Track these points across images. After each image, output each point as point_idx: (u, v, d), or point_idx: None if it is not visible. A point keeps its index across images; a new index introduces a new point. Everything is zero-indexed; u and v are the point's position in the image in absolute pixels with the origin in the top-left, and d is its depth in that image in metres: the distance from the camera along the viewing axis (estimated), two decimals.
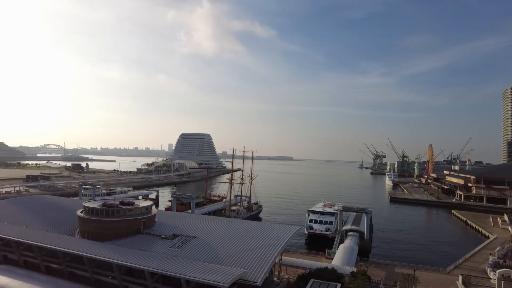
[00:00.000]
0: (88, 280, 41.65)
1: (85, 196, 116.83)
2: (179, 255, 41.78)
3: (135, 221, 49.55)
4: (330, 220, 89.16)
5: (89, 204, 51.86)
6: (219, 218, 64.73)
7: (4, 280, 40.05)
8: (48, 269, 45.72)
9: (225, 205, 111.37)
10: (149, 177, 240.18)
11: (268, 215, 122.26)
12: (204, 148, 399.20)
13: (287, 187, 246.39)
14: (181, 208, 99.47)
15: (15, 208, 65.18)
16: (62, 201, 74.72)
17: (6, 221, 56.69)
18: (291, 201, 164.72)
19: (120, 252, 40.03)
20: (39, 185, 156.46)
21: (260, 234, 46.74)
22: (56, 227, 54.83)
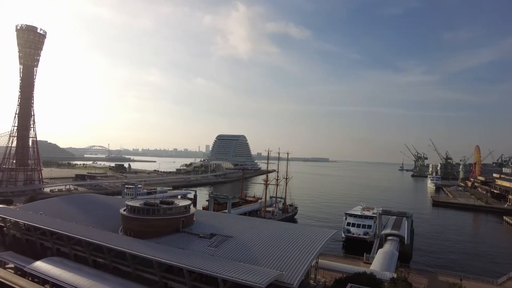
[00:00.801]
0: (130, 275, 43.66)
1: (128, 195, 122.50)
2: (216, 254, 42.60)
3: (174, 220, 51.22)
4: (369, 224, 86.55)
5: (131, 203, 54.33)
6: (255, 219, 65.13)
7: (57, 271, 43.13)
8: (95, 263, 48.48)
9: (260, 206, 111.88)
10: (188, 177, 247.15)
11: (304, 217, 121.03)
12: (239, 149, 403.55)
13: (323, 190, 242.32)
14: (217, 207, 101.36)
15: (66, 205, 70.08)
16: (106, 199, 79.15)
17: (59, 216, 61.08)
18: (328, 204, 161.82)
19: (160, 250, 41.53)
20: (86, 184, 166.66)
21: (296, 236, 46.45)
22: (101, 223, 58.13)
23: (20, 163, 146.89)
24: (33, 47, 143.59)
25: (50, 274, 42.87)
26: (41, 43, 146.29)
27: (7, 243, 61.79)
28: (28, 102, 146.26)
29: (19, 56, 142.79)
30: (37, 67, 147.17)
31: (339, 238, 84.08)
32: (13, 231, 61.83)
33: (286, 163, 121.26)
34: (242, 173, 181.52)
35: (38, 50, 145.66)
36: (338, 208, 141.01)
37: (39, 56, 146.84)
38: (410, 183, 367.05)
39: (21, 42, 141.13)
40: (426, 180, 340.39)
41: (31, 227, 55.98)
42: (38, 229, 55.14)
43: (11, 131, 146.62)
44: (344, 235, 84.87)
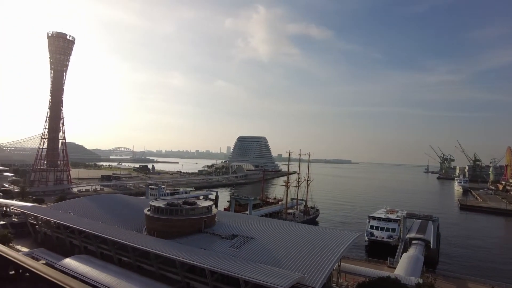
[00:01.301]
0: (154, 274, 44.59)
1: (151, 196, 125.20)
2: (238, 255, 42.83)
3: (197, 220, 51.93)
4: (393, 227, 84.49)
5: (155, 203, 55.51)
6: (276, 221, 65.02)
7: (85, 268, 44.68)
8: (120, 262, 49.86)
9: (281, 207, 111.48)
10: (209, 178, 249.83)
11: (326, 220, 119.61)
12: (260, 151, 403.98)
13: (345, 192, 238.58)
14: (239, 209, 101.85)
15: (93, 205, 72.51)
16: (131, 199, 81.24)
17: (86, 216, 63.28)
18: (350, 207, 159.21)
19: (183, 250, 42.21)
20: (112, 185, 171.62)
21: (318, 238, 46.03)
22: (126, 223, 59.72)
23: (51, 164, 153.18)
24: (63, 53, 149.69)
25: (79, 271, 44.43)
26: (70, 49, 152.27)
27: (39, 240, 64.59)
28: (58, 106, 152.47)
29: (50, 62, 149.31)
30: (66, 72, 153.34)
31: (362, 241, 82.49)
32: (44, 229, 64.59)
33: (308, 165, 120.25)
34: (263, 174, 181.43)
35: (67, 56, 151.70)
36: (361, 211, 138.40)
37: (68, 61, 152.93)
38: (435, 186, 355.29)
39: (52, 48, 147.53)
40: (453, 183, 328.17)
41: (61, 226, 58.29)
42: (67, 228, 57.35)
43: (43, 133, 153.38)
44: (367, 238, 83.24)
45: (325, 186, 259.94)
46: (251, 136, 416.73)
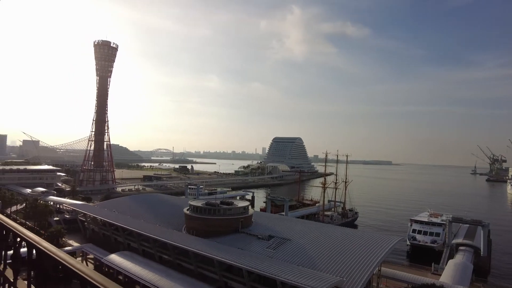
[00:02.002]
0: (192, 272, 45.72)
1: (190, 195, 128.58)
2: (274, 256, 42.79)
3: (234, 220, 52.61)
4: (437, 232, 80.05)
5: (194, 202, 56.99)
6: (313, 223, 64.20)
7: (129, 264, 46.87)
8: (161, 259, 51.70)
9: (318, 209, 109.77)
10: (245, 179, 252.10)
11: (365, 223, 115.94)
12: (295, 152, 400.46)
13: (385, 194, 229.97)
14: (275, 209, 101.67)
15: (136, 204, 75.92)
16: (171, 199, 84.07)
17: (129, 214, 66.38)
18: (391, 209, 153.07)
19: (221, 250, 42.91)
20: (153, 184, 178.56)
21: (357, 241, 44.80)
22: (166, 222, 61.85)
23: (97, 164, 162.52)
24: (107, 59, 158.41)
25: (123, 267, 46.71)
26: (114, 56, 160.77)
27: (88, 236, 68.75)
28: (103, 109, 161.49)
29: (96, 68, 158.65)
30: (110, 77, 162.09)
31: (403, 246, 78.97)
32: (92, 225, 68.63)
33: (345, 166, 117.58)
34: (299, 175, 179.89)
35: (111, 62, 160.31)
36: (402, 214, 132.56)
37: (112, 67, 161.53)
38: (484, 189, 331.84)
39: (98, 55, 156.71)
40: (505, 186, 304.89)
41: (107, 223, 61.61)
42: (112, 225, 60.50)
43: (90, 136, 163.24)
44: (409, 242, 79.58)
45: (364, 188, 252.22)
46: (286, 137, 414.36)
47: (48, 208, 79.69)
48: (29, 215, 79.72)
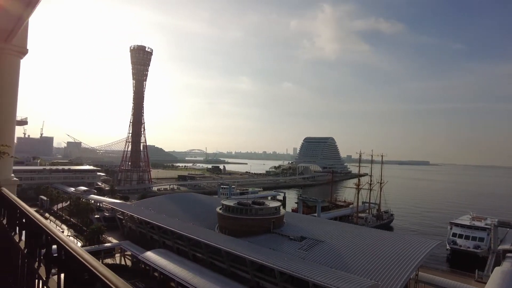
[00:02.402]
0: (225, 271, 46.30)
1: (223, 195, 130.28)
2: (306, 257, 42.36)
3: (265, 220, 52.70)
4: (481, 236, 75.38)
5: (226, 202, 57.75)
6: (347, 225, 62.77)
7: (164, 262, 48.37)
8: (194, 257, 52.84)
9: (352, 211, 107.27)
10: (277, 179, 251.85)
11: (401, 225, 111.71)
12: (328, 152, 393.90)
13: (423, 196, 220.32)
14: (306, 210, 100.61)
15: (171, 203, 78.17)
16: (204, 198, 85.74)
17: (164, 213, 68.37)
18: (429, 212, 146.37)
19: (253, 250, 43.12)
20: (187, 184, 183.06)
21: (393, 244, 43.28)
22: (200, 220, 63.12)
23: (134, 165, 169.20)
24: (143, 63, 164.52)
25: (158, 264, 48.26)
26: (149, 60, 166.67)
27: (125, 233, 71.70)
28: (139, 112, 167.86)
29: (132, 72, 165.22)
30: (146, 81, 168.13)
31: (443, 250, 75.12)
32: (129, 223, 71.50)
33: (381, 166, 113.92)
34: (331, 176, 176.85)
35: (146, 66, 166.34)
36: (441, 217, 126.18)
37: (147, 71, 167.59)
38: None
39: (134, 60, 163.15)
40: None
41: (143, 221, 63.93)
42: (148, 223, 62.67)
43: (127, 137, 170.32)
44: (449, 247, 75.61)
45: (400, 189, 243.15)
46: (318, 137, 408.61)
47: (89, 206, 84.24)
48: (73, 212, 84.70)
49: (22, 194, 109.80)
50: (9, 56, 6.93)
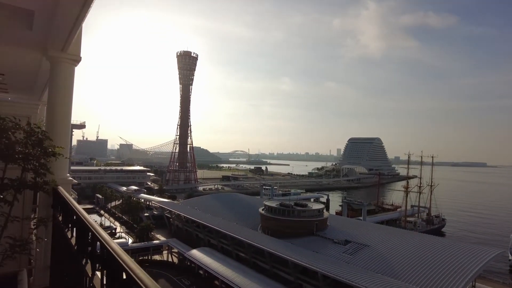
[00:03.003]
0: (268, 272, 46.59)
1: (265, 196, 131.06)
2: (351, 261, 41.37)
3: (308, 223, 52.27)
4: None
5: (268, 203, 58.17)
6: (394, 229, 60.33)
7: (208, 260, 49.88)
8: (237, 256, 53.80)
9: (399, 215, 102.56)
10: (320, 181, 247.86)
11: (454, 231, 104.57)
12: (374, 153, 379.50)
13: (479, 200, 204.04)
14: (351, 213, 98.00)
15: (215, 202, 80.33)
16: (247, 198, 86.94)
17: (209, 212, 70.43)
18: (486, 218, 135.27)
19: (296, 251, 43.00)
20: (231, 184, 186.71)
21: (446, 251, 40.78)
22: (243, 220, 64.13)
23: (181, 165, 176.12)
24: (189, 68, 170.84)
25: (203, 262, 49.85)
26: (194, 65, 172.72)
27: (172, 231, 74.91)
28: (186, 115, 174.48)
29: (179, 77, 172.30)
30: (192, 85, 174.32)
31: (504, 260, 69.13)
32: (176, 222, 74.60)
33: (431, 168, 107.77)
34: (378, 178, 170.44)
35: (192, 71, 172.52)
36: (502, 224, 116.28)
37: (193, 75, 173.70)
38: None
39: (180, 65, 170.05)
40: None
41: (189, 220, 66.36)
42: (194, 222, 64.91)
43: (175, 139, 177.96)
44: (511, 257, 69.50)
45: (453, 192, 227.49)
46: (363, 137, 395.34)
47: (139, 204, 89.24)
48: (124, 210, 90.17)
49: (82, 193, 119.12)
50: (65, 64, 7.47)
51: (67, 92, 7.61)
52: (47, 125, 7.18)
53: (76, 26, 5.85)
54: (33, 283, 6.23)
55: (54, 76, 7.56)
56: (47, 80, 10.83)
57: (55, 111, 7.49)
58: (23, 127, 4.92)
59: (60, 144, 5.96)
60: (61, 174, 6.91)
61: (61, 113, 7.52)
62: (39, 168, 5.02)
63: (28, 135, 4.95)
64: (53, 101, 7.56)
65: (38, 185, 5.24)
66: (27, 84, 12.04)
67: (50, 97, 7.65)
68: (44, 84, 11.79)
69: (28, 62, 8.96)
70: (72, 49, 7.23)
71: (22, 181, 4.93)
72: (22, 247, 4.88)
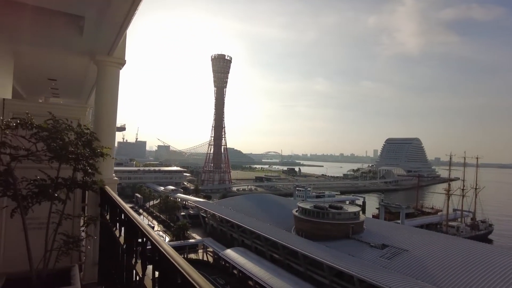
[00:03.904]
0: (302, 274, 46.23)
1: (298, 197, 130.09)
2: (388, 266, 40.08)
3: (343, 225, 51.31)
4: None
5: (302, 204, 57.79)
6: (435, 233, 57.61)
7: (242, 260, 50.40)
8: (271, 257, 53.87)
9: (440, 219, 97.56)
10: (355, 183, 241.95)
11: (503, 238, 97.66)
12: (412, 154, 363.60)
13: None
14: (389, 217, 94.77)
15: (249, 203, 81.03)
16: (280, 199, 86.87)
17: (243, 212, 71.15)
18: None
19: (331, 254, 42.38)
20: (264, 185, 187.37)
21: (494, 260, 38.34)
22: (276, 221, 64.12)
23: (216, 166, 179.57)
24: (223, 71, 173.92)
25: (238, 262, 50.44)
26: (228, 68, 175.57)
27: (208, 231, 76.49)
28: (220, 117, 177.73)
29: (214, 80, 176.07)
30: (226, 87, 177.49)
31: None
32: (211, 221, 76.08)
33: (475, 170, 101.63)
34: (417, 180, 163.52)
35: (226, 74, 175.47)
36: None
37: (227, 78, 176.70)
38: None
39: (215, 68, 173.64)
40: None
41: (224, 220, 67.45)
42: (228, 222, 65.89)
43: (210, 141, 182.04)
44: None
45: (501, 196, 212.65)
46: (401, 138, 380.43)
47: (176, 204, 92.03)
48: (162, 209, 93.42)
49: (122, 192, 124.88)
50: (111, 68, 7.67)
51: (113, 94, 7.84)
52: (95, 127, 7.34)
53: (122, 30, 5.99)
54: (83, 278, 6.47)
55: (101, 79, 7.85)
56: (93, 84, 11.34)
57: (101, 113, 7.74)
58: (75, 128, 5.08)
59: (106, 144, 6.04)
60: (108, 174, 7.03)
61: (107, 115, 7.74)
62: (88, 168, 5.15)
63: (79, 136, 5.11)
64: (100, 103, 7.82)
65: (87, 185, 5.38)
66: (75, 89, 12.74)
67: (97, 100, 7.91)
68: (90, 89, 12.40)
69: (77, 67, 9.34)
70: (117, 53, 7.44)
71: (74, 180, 5.10)
72: (75, 243, 5.09)
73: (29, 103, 9.32)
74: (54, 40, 7.28)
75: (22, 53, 7.99)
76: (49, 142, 4.58)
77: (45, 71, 10.42)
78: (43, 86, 12.35)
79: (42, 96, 14.81)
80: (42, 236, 4.83)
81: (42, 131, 4.52)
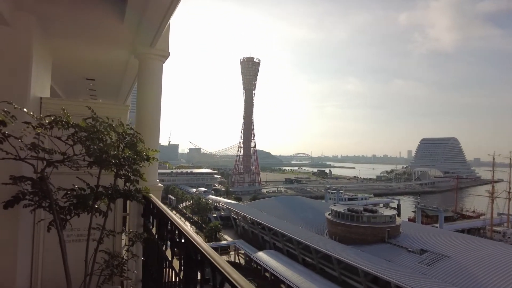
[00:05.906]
0: (336, 279, 45.25)
1: (330, 200, 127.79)
2: (428, 273, 38.34)
3: (379, 229, 49.75)
4: None
5: (335, 207, 56.66)
6: (478, 239, 54.40)
7: (274, 263, 50.10)
8: (304, 261, 53.19)
9: (484, 223, 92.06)
10: (389, 185, 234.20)
11: None
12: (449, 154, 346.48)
13: None
14: (426, 220, 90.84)
15: (280, 205, 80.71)
16: (311, 202, 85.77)
17: (274, 214, 70.92)
18: None
19: (366, 259, 41.18)
20: (294, 187, 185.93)
21: None
22: (308, 224, 63.34)
23: (245, 168, 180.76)
24: (251, 74, 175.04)
25: (270, 265, 50.20)
26: (257, 70, 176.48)
27: (239, 233, 76.91)
28: (250, 119, 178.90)
29: (243, 83, 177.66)
30: (255, 90, 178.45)
31: None
32: (242, 223, 76.43)
33: None
34: (456, 182, 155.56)
35: (255, 76, 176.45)
36: None
37: (256, 81, 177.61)
38: None
39: (244, 71, 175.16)
40: None
41: (255, 222, 67.50)
42: (259, 224, 65.88)
43: (239, 143, 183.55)
44: None
45: None
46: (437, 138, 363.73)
47: (208, 205, 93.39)
48: (194, 210, 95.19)
49: None
50: (154, 61, 6.98)
51: (156, 90, 7.10)
52: (136, 128, 6.48)
53: (167, 17, 5.34)
54: None
55: (143, 74, 7.12)
56: (131, 84, 11.01)
57: (144, 112, 7.01)
58: (116, 128, 4.20)
59: (150, 146, 5.03)
60: (152, 180, 6.36)
61: (151, 114, 7.04)
62: (131, 174, 4.32)
63: (121, 137, 4.25)
64: (142, 101, 7.08)
65: (131, 194, 4.46)
66: (113, 89, 12.37)
67: (139, 97, 7.16)
68: (128, 89, 12.22)
69: (116, 63, 8.63)
70: (160, 44, 6.71)
71: (116, 189, 4.30)
72: (119, 267, 4.22)
73: (68, 101, 8.23)
74: (93, 30, 6.54)
75: (60, 49, 7.31)
76: (88, 144, 3.83)
77: (83, 70, 9.82)
78: (81, 86, 11.98)
79: (80, 98, 14.28)
80: (81, 251, 4.08)
81: (80, 131, 3.79)
